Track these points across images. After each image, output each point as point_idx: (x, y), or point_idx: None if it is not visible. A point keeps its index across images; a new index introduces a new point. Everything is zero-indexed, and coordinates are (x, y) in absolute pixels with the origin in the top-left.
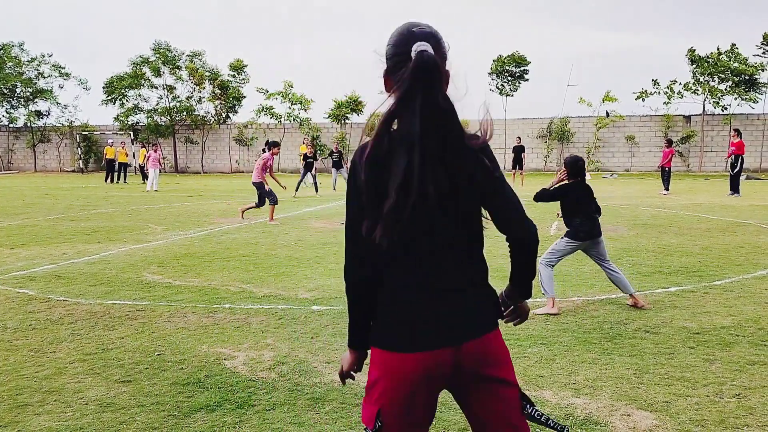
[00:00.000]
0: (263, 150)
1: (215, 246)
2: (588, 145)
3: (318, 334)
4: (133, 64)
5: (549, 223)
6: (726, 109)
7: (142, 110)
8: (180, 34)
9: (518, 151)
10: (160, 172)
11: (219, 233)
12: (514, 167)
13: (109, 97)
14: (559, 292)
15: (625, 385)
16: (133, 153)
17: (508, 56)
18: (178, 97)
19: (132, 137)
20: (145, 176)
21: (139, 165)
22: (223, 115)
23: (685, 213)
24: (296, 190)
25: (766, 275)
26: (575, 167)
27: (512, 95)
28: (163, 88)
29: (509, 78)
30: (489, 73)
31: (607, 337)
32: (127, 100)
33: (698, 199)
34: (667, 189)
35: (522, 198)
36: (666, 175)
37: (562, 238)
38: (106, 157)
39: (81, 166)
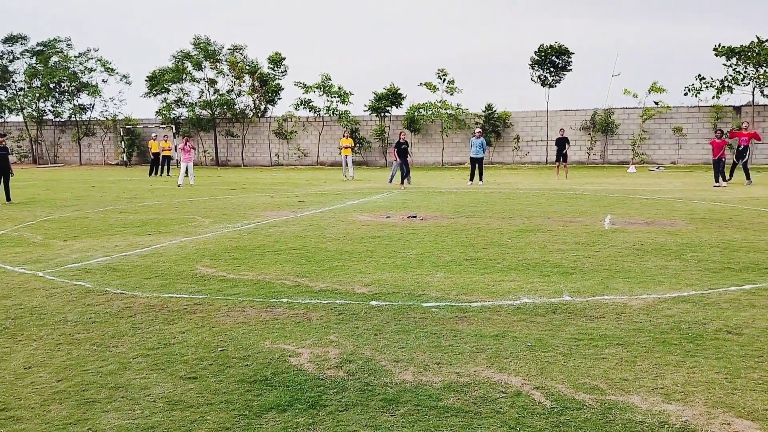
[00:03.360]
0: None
1: (264, 239)
2: (633, 137)
3: (381, 330)
4: (175, 58)
5: (602, 218)
6: None
7: (184, 104)
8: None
9: (562, 143)
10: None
11: (267, 226)
12: (558, 160)
13: (152, 91)
14: (626, 288)
15: (718, 390)
16: (176, 146)
17: (550, 46)
18: (219, 90)
19: (174, 131)
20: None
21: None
22: (262, 108)
23: (744, 207)
24: (390, 181)
25: None
26: None
27: (555, 86)
28: (205, 82)
29: (552, 69)
30: (530, 65)
31: (688, 338)
32: (169, 94)
33: (755, 193)
34: (716, 181)
35: (564, 192)
36: (720, 167)
37: None
38: (152, 150)
39: (124, 159)
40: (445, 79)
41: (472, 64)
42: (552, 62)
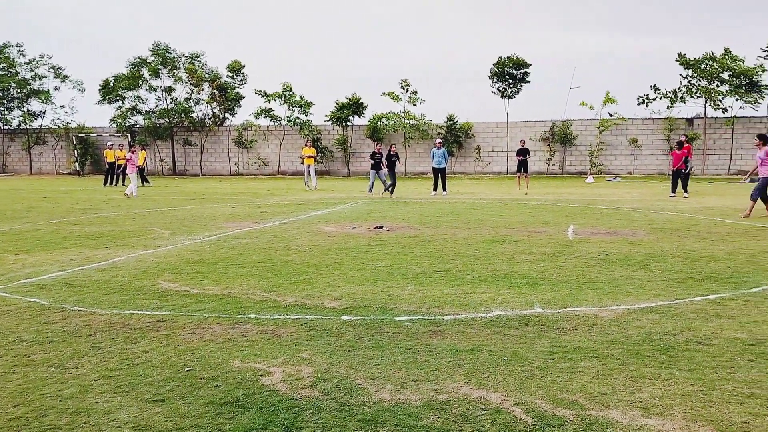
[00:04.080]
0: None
1: (228, 252)
2: (591, 148)
3: (355, 347)
4: (131, 65)
5: (566, 228)
6: (727, 111)
7: (140, 112)
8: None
9: (523, 153)
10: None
11: (229, 238)
12: (519, 170)
13: (106, 98)
14: (595, 300)
15: (695, 403)
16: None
17: (508, 58)
18: (177, 98)
19: (129, 139)
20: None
21: (139, 167)
22: (221, 117)
23: (700, 216)
24: (369, 191)
25: None
26: None
27: (514, 98)
28: (162, 90)
29: (510, 81)
30: (489, 76)
31: (660, 350)
32: (124, 102)
33: (709, 203)
34: (673, 192)
35: (526, 201)
36: (677, 178)
37: None
38: (107, 159)
39: (77, 168)
40: (408, 90)
41: (434, 74)
42: (510, 74)
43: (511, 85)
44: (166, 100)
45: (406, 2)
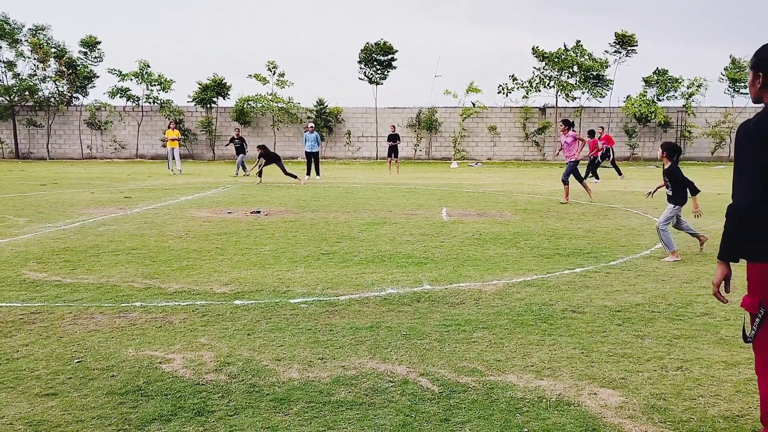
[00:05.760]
0: None
1: (96, 239)
2: (454, 135)
3: (253, 330)
4: None
5: (439, 210)
6: (575, 100)
7: None
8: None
9: (393, 139)
10: None
11: (95, 225)
12: (389, 155)
13: None
14: (477, 276)
15: (578, 364)
16: None
17: (376, 44)
18: (20, 74)
19: None
20: None
21: None
22: (69, 97)
23: (556, 199)
24: (236, 174)
25: (650, 255)
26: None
27: (381, 83)
28: (2, 64)
29: (378, 66)
30: (358, 62)
31: (541, 319)
32: None
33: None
34: (597, 178)
35: (399, 186)
36: (594, 165)
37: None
38: None
39: None
40: (275, 72)
41: (303, 58)
42: (378, 60)
43: (379, 71)
44: (6, 76)
45: None
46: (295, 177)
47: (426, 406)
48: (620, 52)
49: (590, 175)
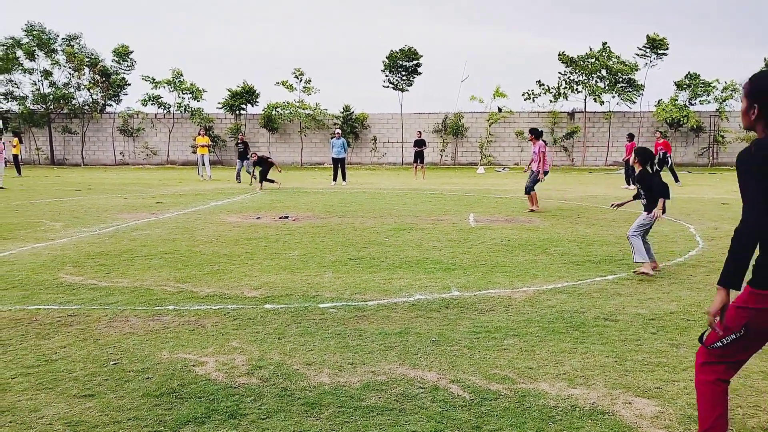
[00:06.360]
0: None
1: (129, 243)
2: (481, 140)
3: (284, 334)
4: (3, 46)
5: (466, 216)
6: (603, 104)
7: (14, 97)
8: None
9: (419, 144)
10: (6, 164)
11: (128, 230)
12: (415, 161)
13: None
14: (507, 282)
15: (612, 373)
16: (3, 144)
17: (400, 50)
18: (56, 83)
19: (0, 126)
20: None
21: (12, 156)
22: (102, 104)
23: (587, 204)
24: (237, 180)
25: (683, 262)
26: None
27: (407, 90)
28: (39, 73)
29: (403, 73)
30: (382, 69)
31: (572, 326)
32: None
33: (593, 191)
34: (627, 183)
35: (425, 191)
36: (630, 169)
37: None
38: None
39: None
40: (301, 79)
41: (329, 64)
42: (403, 67)
43: (404, 78)
44: (43, 84)
45: None
46: (273, 182)
47: (457, 413)
48: (650, 56)
49: (630, 183)
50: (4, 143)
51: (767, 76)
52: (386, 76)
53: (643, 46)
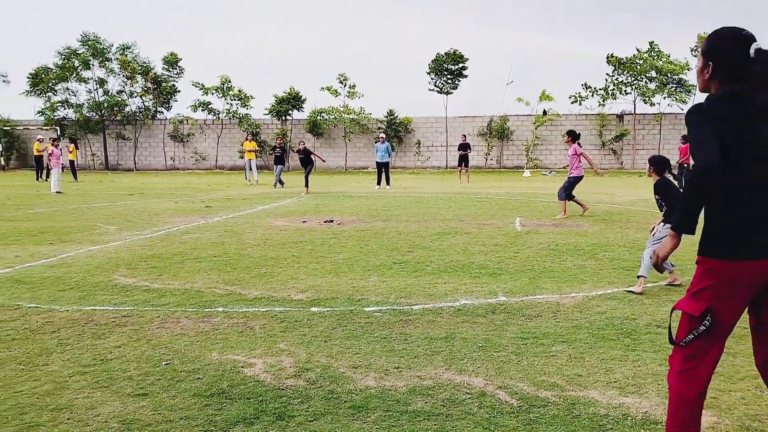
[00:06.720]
0: None
1: (180, 246)
2: (527, 143)
3: (330, 337)
4: (61, 56)
5: (512, 220)
6: (654, 106)
7: (71, 105)
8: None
9: (464, 148)
10: (63, 170)
11: (179, 233)
12: (459, 165)
13: (34, 89)
14: (555, 288)
15: (665, 381)
16: (60, 150)
17: (446, 53)
18: (109, 91)
19: (58, 133)
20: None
21: (69, 161)
22: (153, 111)
23: (636, 208)
24: (274, 186)
25: None
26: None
27: (452, 93)
28: (94, 82)
29: (448, 76)
30: (428, 72)
31: (624, 333)
32: (54, 93)
33: (643, 195)
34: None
35: (469, 195)
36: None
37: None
38: (35, 153)
39: (2, 162)
40: (345, 84)
41: (374, 69)
42: (448, 70)
43: (449, 81)
44: (97, 92)
45: None
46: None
47: (505, 420)
48: None
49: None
50: (61, 149)
51: (723, 34)
52: (431, 79)
53: (695, 46)
